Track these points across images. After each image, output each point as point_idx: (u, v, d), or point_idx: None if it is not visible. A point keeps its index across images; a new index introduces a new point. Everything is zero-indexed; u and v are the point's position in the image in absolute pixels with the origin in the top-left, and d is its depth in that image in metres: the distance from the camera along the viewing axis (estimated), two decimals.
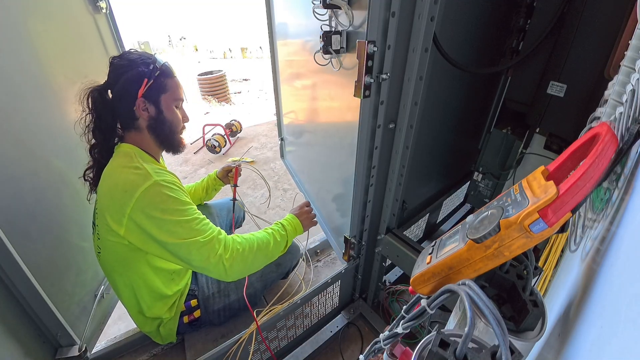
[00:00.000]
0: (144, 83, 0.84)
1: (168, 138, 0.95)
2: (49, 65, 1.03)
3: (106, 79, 0.88)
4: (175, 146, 0.98)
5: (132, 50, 0.89)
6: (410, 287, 0.46)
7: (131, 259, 0.90)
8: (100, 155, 0.90)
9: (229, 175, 1.42)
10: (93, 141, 0.90)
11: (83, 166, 0.94)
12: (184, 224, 0.82)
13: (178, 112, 0.95)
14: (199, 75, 5.70)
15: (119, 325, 1.61)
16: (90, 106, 0.87)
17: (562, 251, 0.70)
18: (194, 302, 1.10)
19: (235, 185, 1.40)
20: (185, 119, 0.99)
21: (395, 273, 1.62)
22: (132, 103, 0.85)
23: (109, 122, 0.89)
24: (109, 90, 0.88)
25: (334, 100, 1.10)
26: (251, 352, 1.04)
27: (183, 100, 0.96)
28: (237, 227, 1.52)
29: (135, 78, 0.84)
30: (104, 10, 1.29)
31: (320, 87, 1.21)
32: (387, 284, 1.49)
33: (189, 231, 0.83)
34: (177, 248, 0.82)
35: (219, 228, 0.91)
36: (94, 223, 0.92)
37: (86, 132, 0.89)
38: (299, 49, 1.33)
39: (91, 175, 0.93)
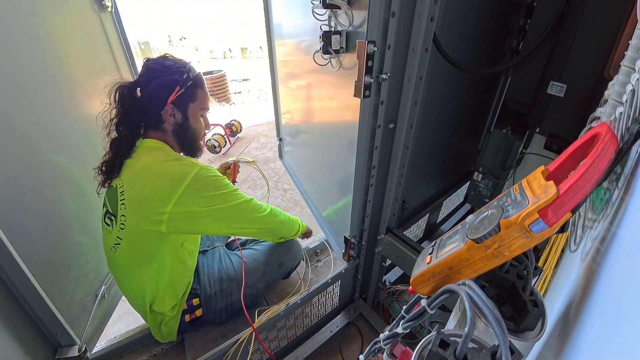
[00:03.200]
0: (175, 90, 0.88)
1: (190, 144, 1.00)
2: (53, 63, 1.03)
3: (137, 78, 0.91)
4: (194, 151, 1.04)
5: (167, 56, 0.92)
6: (410, 287, 0.46)
7: (158, 249, 0.93)
8: (123, 149, 0.92)
9: (227, 172, 1.42)
10: (115, 135, 0.92)
11: (86, 162, 0.94)
12: (233, 193, 0.95)
13: (202, 120, 1.00)
14: None
15: (119, 325, 1.61)
16: (116, 101, 0.90)
17: (562, 251, 0.70)
18: (195, 301, 1.10)
19: (234, 181, 1.40)
20: (207, 126, 1.04)
21: (395, 273, 1.62)
22: (161, 107, 0.89)
23: (135, 119, 0.92)
24: (138, 89, 0.90)
25: (333, 101, 1.10)
26: (251, 352, 1.04)
27: (208, 110, 1.02)
28: None
29: (167, 84, 0.88)
30: (109, 9, 1.29)
31: (319, 87, 1.20)
32: (387, 284, 1.49)
33: (238, 197, 0.96)
34: (231, 211, 0.94)
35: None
36: (112, 215, 0.92)
37: (109, 125, 0.91)
38: (297, 49, 1.33)
39: (104, 168, 0.94)
